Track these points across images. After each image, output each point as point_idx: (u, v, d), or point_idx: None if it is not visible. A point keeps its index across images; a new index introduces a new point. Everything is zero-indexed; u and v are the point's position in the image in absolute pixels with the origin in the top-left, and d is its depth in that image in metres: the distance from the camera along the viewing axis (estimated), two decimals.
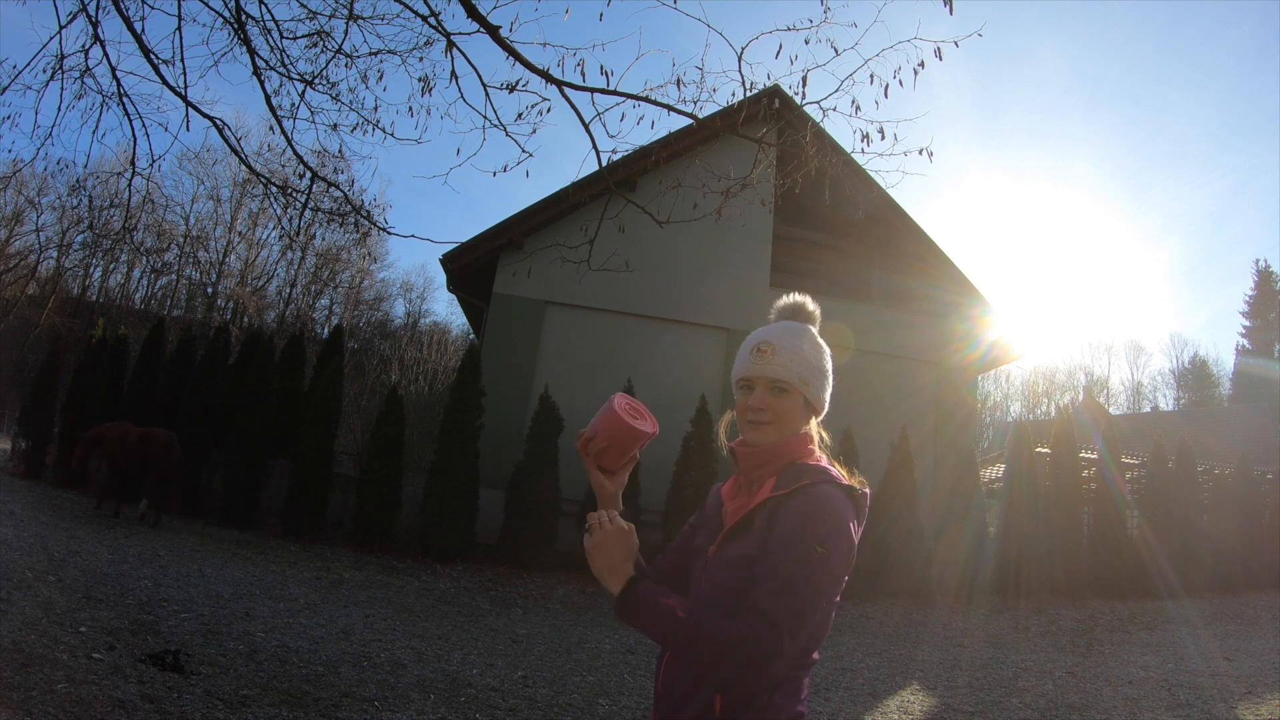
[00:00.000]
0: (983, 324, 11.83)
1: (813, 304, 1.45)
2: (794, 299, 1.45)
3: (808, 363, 1.36)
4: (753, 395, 1.33)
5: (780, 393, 1.33)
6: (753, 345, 1.37)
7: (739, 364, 1.38)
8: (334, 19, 4.41)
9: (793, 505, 1.24)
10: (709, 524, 1.40)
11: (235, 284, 32.74)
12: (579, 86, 3.97)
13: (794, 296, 1.45)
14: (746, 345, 1.39)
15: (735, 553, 1.27)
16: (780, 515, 1.24)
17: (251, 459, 8.95)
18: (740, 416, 1.36)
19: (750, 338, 1.40)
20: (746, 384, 1.35)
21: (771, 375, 1.33)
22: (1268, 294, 39.43)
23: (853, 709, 4.54)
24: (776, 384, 1.33)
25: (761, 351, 1.34)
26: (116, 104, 4.41)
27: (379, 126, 4.72)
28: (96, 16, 4.03)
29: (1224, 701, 4.82)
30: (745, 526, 1.28)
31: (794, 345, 1.35)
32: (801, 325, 1.41)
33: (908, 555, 8.55)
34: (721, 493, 1.43)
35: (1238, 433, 19.72)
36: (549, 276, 8.77)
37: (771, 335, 1.37)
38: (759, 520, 1.27)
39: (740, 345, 1.42)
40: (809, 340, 1.39)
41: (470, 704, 3.97)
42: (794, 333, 1.38)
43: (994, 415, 40.38)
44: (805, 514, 1.22)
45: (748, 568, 1.24)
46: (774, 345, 1.35)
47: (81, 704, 3.08)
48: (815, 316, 1.44)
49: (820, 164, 4.32)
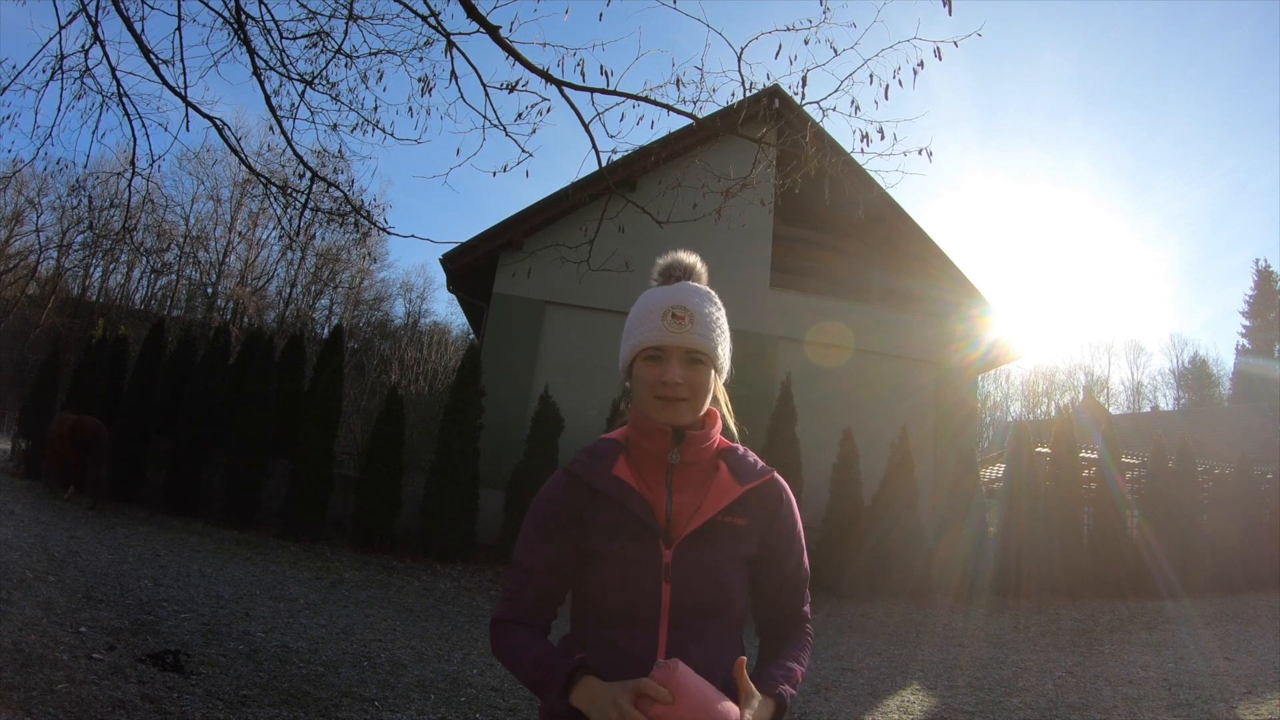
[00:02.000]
0: (983, 324, 11.83)
1: (701, 262, 1.30)
2: (686, 256, 1.29)
3: (721, 329, 1.23)
4: (665, 367, 1.16)
5: (695, 364, 1.17)
6: (665, 309, 1.18)
7: (645, 330, 1.19)
8: (334, 19, 4.41)
9: (783, 497, 1.25)
10: (616, 522, 1.16)
11: (235, 284, 32.74)
12: (579, 86, 3.97)
13: (684, 254, 1.29)
14: (652, 308, 1.20)
15: (730, 554, 1.16)
16: (779, 511, 1.23)
17: (251, 459, 8.95)
18: (646, 390, 1.17)
19: (653, 300, 1.22)
20: (656, 353, 1.18)
21: (689, 344, 1.17)
22: (1268, 294, 39.43)
23: (853, 709, 4.54)
24: (693, 354, 1.17)
25: (678, 318, 1.17)
26: (116, 104, 4.41)
27: (379, 126, 4.72)
28: (96, 16, 4.04)
29: (1224, 701, 4.82)
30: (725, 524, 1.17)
31: (708, 310, 1.21)
32: (705, 287, 1.26)
33: (908, 555, 8.56)
34: (626, 480, 1.19)
35: (1238, 433, 19.72)
36: (549, 276, 8.77)
37: (684, 299, 1.20)
38: (743, 515, 1.19)
39: (638, 307, 1.24)
40: (716, 303, 1.25)
41: (470, 704, 3.97)
42: (704, 296, 1.23)
43: (994, 415, 40.40)
44: (794, 508, 1.27)
45: (741, 568, 1.18)
46: (689, 310, 1.19)
47: (81, 704, 3.08)
48: (704, 275, 1.30)
49: (820, 164, 4.32)
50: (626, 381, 1.26)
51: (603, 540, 1.16)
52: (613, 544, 1.15)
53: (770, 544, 1.22)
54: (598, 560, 1.16)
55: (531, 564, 1.20)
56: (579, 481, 1.20)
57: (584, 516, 1.18)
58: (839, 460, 9.04)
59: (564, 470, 1.23)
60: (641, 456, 1.20)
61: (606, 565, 1.15)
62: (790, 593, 1.25)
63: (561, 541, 1.19)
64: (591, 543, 1.17)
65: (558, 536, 1.19)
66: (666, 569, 1.13)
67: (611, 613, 1.15)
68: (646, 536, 1.15)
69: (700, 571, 1.14)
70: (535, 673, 1.13)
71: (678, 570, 1.13)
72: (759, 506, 1.21)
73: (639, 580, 1.13)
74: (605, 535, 1.16)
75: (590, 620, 1.19)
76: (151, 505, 9.15)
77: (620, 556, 1.14)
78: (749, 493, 1.20)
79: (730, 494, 1.18)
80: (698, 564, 1.14)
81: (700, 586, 1.13)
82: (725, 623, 1.16)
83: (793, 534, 1.24)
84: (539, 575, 1.20)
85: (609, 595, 1.14)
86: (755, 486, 1.21)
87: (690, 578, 1.13)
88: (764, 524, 1.21)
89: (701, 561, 1.14)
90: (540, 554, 1.19)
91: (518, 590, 1.21)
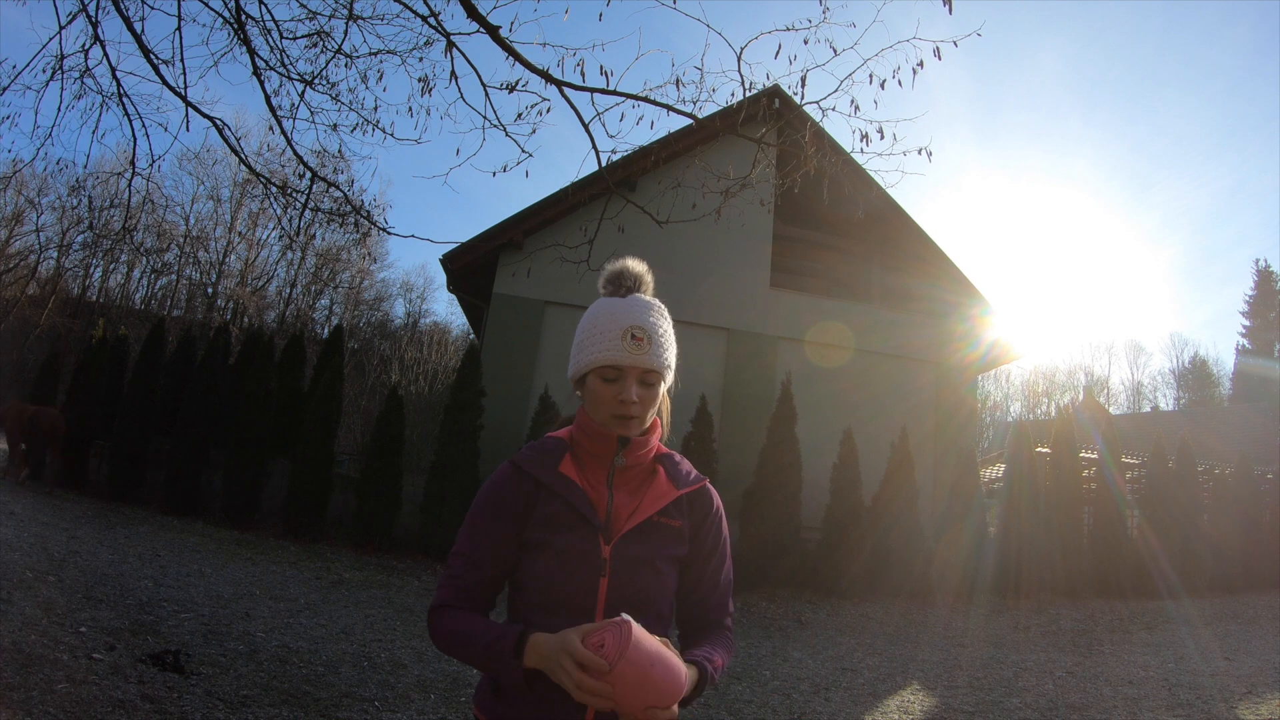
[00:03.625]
0: (983, 324, 11.83)
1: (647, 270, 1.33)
2: (635, 264, 1.31)
3: (672, 346, 1.27)
4: (622, 387, 1.20)
5: (649, 385, 1.23)
6: (623, 329, 1.22)
7: (602, 348, 1.22)
8: (334, 19, 4.41)
9: (714, 504, 1.34)
10: (558, 516, 1.21)
11: (235, 284, 32.74)
12: (578, 86, 3.97)
13: (633, 263, 1.31)
14: (609, 326, 1.23)
15: (663, 552, 1.23)
16: (709, 516, 1.32)
17: (251, 459, 8.95)
18: (602, 406, 1.22)
19: (609, 316, 1.24)
20: (614, 375, 1.21)
21: (646, 365, 1.21)
22: (1268, 294, 39.43)
23: (853, 709, 4.54)
24: (649, 374, 1.23)
25: (637, 339, 1.21)
26: (116, 104, 4.41)
27: (379, 126, 4.72)
28: (96, 16, 4.04)
29: (1224, 701, 4.82)
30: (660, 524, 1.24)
31: (662, 329, 1.26)
32: (656, 301, 1.29)
33: (908, 555, 8.55)
34: (571, 477, 1.23)
35: (1238, 433, 19.71)
36: (549, 276, 8.76)
37: (641, 318, 1.24)
38: (677, 517, 1.27)
39: (593, 320, 1.26)
40: (665, 316, 1.29)
41: (470, 704, 3.96)
42: (656, 311, 1.27)
43: (994, 415, 40.38)
44: (723, 516, 1.35)
45: (672, 567, 1.26)
46: (646, 331, 1.23)
47: (81, 704, 3.08)
48: (651, 284, 1.33)
49: (820, 164, 4.32)
50: (577, 391, 1.30)
51: (545, 532, 1.20)
52: (555, 536, 1.19)
53: (699, 547, 1.30)
54: (539, 550, 1.20)
55: (475, 551, 1.23)
56: (525, 474, 1.24)
57: (528, 508, 1.22)
58: (839, 460, 9.04)
59: (510, 462, 1.27)
60: (586, 457, 1.26)
61: (548, 555, 1.19)
62: (715, 595, 1.31)
63: (506, 530, 1.22)
64: (534, 534, 1.21)
65: (502, 525, 1.22)
66: (604, 563, 1.18)
67: (550, 602, 1.18)
68: (587, 531, 1.19)
69: (636, 567, 1.20)
70: (483, 644, 1.14)
71: (615, 565, 1.19)
72: (691, 511, 1.30)
73: (578, 572, 1.18)
74: (548, 527, 1.20)
75: (527, 609, 1.22)
76: (151, 505, 9.15)
77: (561, 548, 1.19)
78: (683, 497, 1.28)
79: (667, 496, 1.26)
80: (634, 560, 1.20)
81: (635, 581, 1.20)
82: (655, 616, 1.21)
83: (720, 539, 1.33)
84: (483, 563, 1.23)
85: (549, 585, 1.19)
86: (689, 492, 1.30)
87: (626, 572, 1.19)
88: (695, 527, 1.30)
89: (637, 557, 1.20)
90: (484, 541, 1.23)
91: (459, 577, 1.23)
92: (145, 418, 9.57)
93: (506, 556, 1.23)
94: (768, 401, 9.43)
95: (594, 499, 1.22)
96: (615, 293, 1.30)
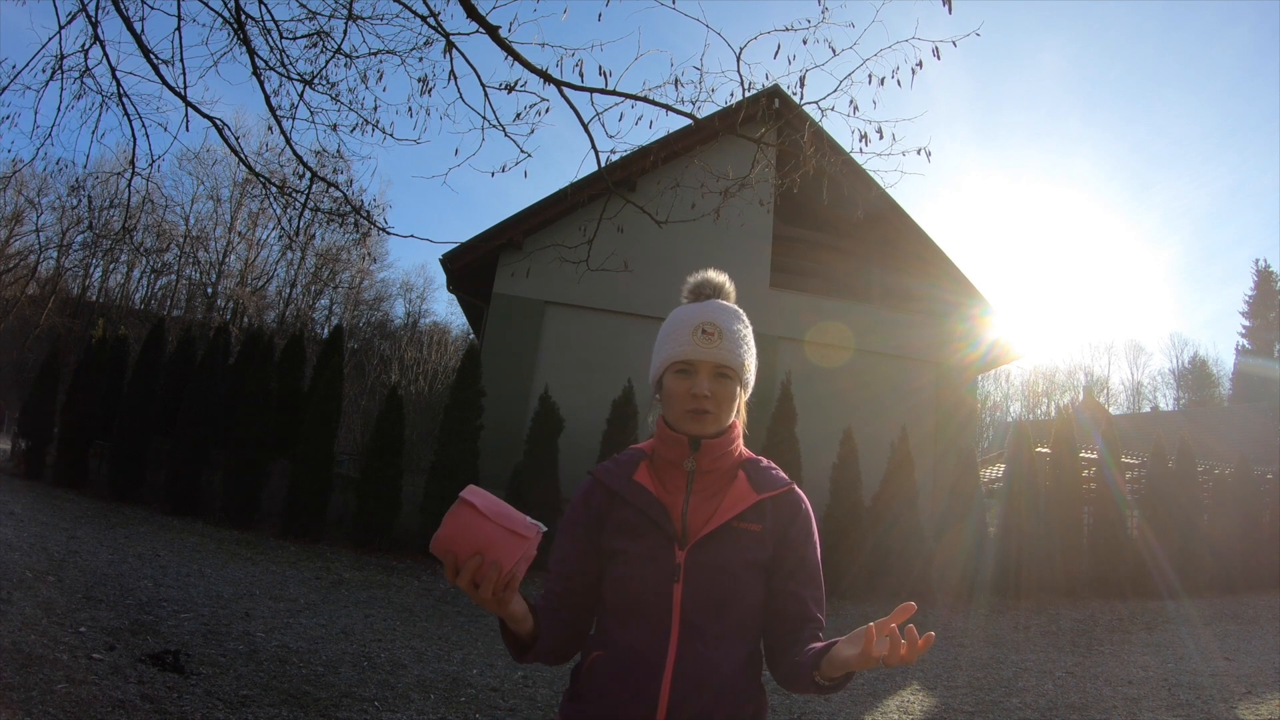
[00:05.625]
0: (983, 324, 11.84)
1: (728, 280, 1.36)
2: (716, 275, 1.35)
3: (748, 345, 1.29)
4: (695, 381, 1.21)
5: (723, 379, 1.23)
6: (695, 326, 1.24)
7: (676, 345, 1.24)
8: (334, 19, 4.41)
9: (801, 507, 1.29)
10: (631, 523, 1.21)
11: (235, 284, 32.75)
12: (578, 86, 3.97)
13: (714, 273, 1.35)
14: (683, 325, 1.26)
15: (741, 557, 1.19)
16: (795, 521, 1.26)
17: (251, 459, 8.95)
18: (675, 403, 1.23)
19: (684, 317, 1.28)
20: (686, 368, 1.23)
21: (718, 360, 1.22)
22: (1268, 294, 39.45)
23: (853, 709, 4.54)
24: (721, 369, 1.23)
25: (708, 334, 1.23)
26: (116, 104, 4.41)
27: (378, 126, 4.72)
28: (96, 16, 4.04)
29: (1224, 701, 4.82)
30: (738, 529, 1.20)
31: (736, 327, 1.27)
32: (733, 306, 1.32)
33: (908, 555, 8.55)
34: (645, 485, 1.24)
35: (1238, 433, 19.71)
36: (548, 276, 8.77)
37: (714, 316, 1.26)
38: (756, 522, 1.22)
39: (669, 323, 1.29)
40: (744, 321, 1.31)
41: (470, 704, 3.97)
42: (732, 314, 1.29)
43: (994, 415, 40.40)
44: (811, 521, 1.30)
45: (754, 572, 1.21)
46: (719, 327, 1.24)
47: (81, 704, 3.08)
48: (733, 294, 1.36)
49: (819, 164, 4.33)
50: (656, 395, 1.31)
51: (620, 540, 1.22)
52: (629, 544, 1.21)
53: (784, 552, 1.25)
54: (616, 559, 1.22)
55: (557, 562, 1.27)
56: (600, 485, 1.27)
57: (602, 517, 1.25)
58: (839, 460, 9.03)
59: (590, 475, 1.31)
60: (662, 464, 1.26)
61: (623, 563, 1.21)
62: (805, 601, 1.24)
63: (581, 540, 1.25)
64: (610, 543, 1.23)
65: (578, 535, 1.26)
66: (678, 569, 1.17)
67: (625, 610, 1.20)
68: (661, 538, 1.19)
69: (711, 573, 1.18)
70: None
71: (689, 571, 1.17)
72: (775, 515, 1.25)
73: (652, 579, 1.18)
74: (623, 535, 1.22)
75: (607, 618, 1.24)
76: (151, 505, 9.15)
77: (635, 555, 1.20)
78: (765, 501, 1.24)
79: (745, 500, 1.22)
80: (709, 566, 1.18)
81: (711, 588, 1.17)
82: (735, 624, 1.20)
83: (807, 544, 1.27)
84: (564, 575, 1.26)
85: (624, 592, 1.20)
86: (773, 496, 1.25)
87: (701, 579, 1.17)
88: (779, 532, 1.25)
89: (713, 564, 1.18)
90: (564, 553, 1.27)
91: (547, 588, 1.27)
92: (145, 418, 9.58)
93: (587, 568, 1.25)
94: (767, 401, 9.43)
95: (668, 505, 1.22)
96: (695, 300, 1.33)
